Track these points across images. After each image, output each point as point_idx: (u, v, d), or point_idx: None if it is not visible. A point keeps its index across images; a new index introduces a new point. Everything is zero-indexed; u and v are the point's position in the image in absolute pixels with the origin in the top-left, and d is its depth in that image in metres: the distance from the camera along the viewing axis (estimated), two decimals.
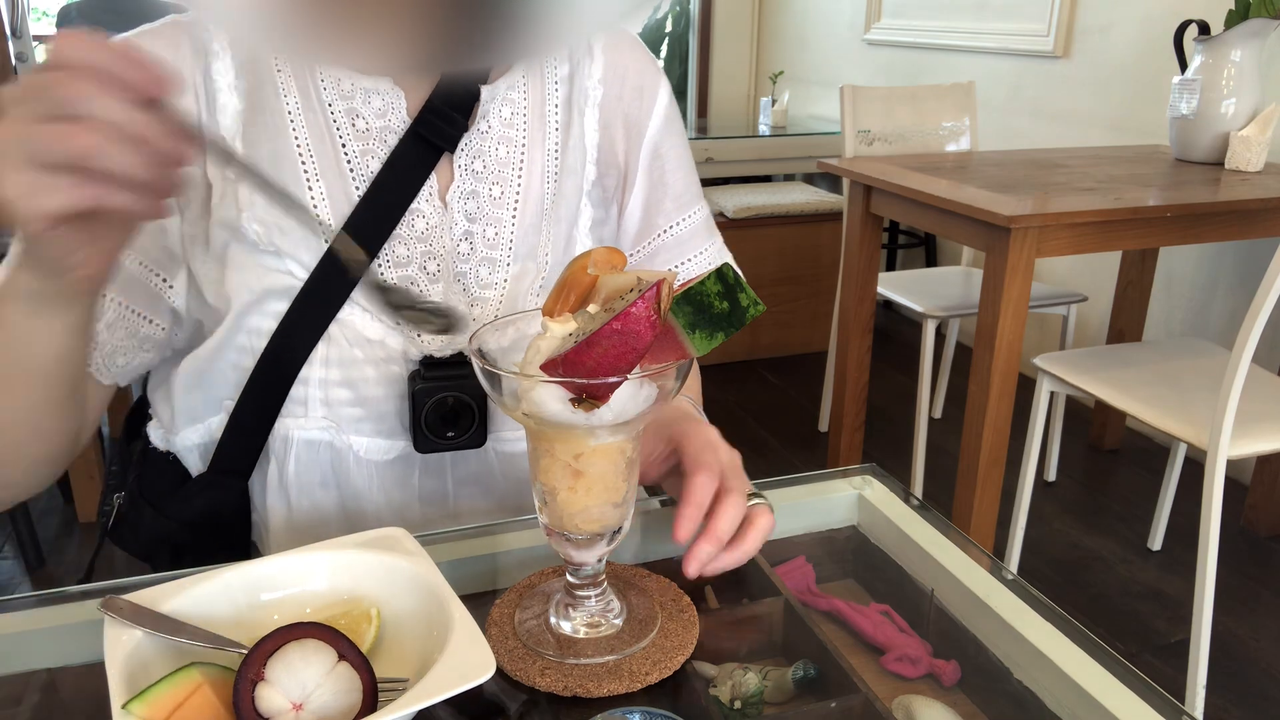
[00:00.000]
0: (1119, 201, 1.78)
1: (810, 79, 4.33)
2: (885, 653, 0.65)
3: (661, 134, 0.85)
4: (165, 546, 0.81)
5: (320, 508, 0.78)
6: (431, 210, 0.76)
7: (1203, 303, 2.62)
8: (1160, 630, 1.96)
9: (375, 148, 0.74)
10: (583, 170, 0.82)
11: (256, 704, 0.49)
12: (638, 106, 0.84)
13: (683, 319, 0.51)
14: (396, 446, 0.78)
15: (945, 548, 0.73)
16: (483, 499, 0.83)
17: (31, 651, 0.62)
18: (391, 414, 0.77)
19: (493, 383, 0.55)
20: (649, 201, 0.85)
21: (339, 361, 0.75)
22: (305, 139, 0.73)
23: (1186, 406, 1.73)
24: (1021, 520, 2.00)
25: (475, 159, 0.77)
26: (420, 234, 0.76)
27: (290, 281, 0.73)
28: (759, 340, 3.37)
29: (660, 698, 0.58)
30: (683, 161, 0.87)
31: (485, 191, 0.78)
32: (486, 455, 0.81)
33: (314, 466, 0.77)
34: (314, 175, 0.73)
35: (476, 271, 0.78)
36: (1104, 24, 2.82)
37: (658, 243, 0.86)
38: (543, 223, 0.79)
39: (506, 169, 0.78)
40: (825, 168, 2.25)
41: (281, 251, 0.73)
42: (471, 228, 0.77)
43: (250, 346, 0.74)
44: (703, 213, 0.89)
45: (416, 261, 0.76)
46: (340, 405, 0.76)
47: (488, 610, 0.64)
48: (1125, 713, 0.55)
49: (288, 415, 0.76)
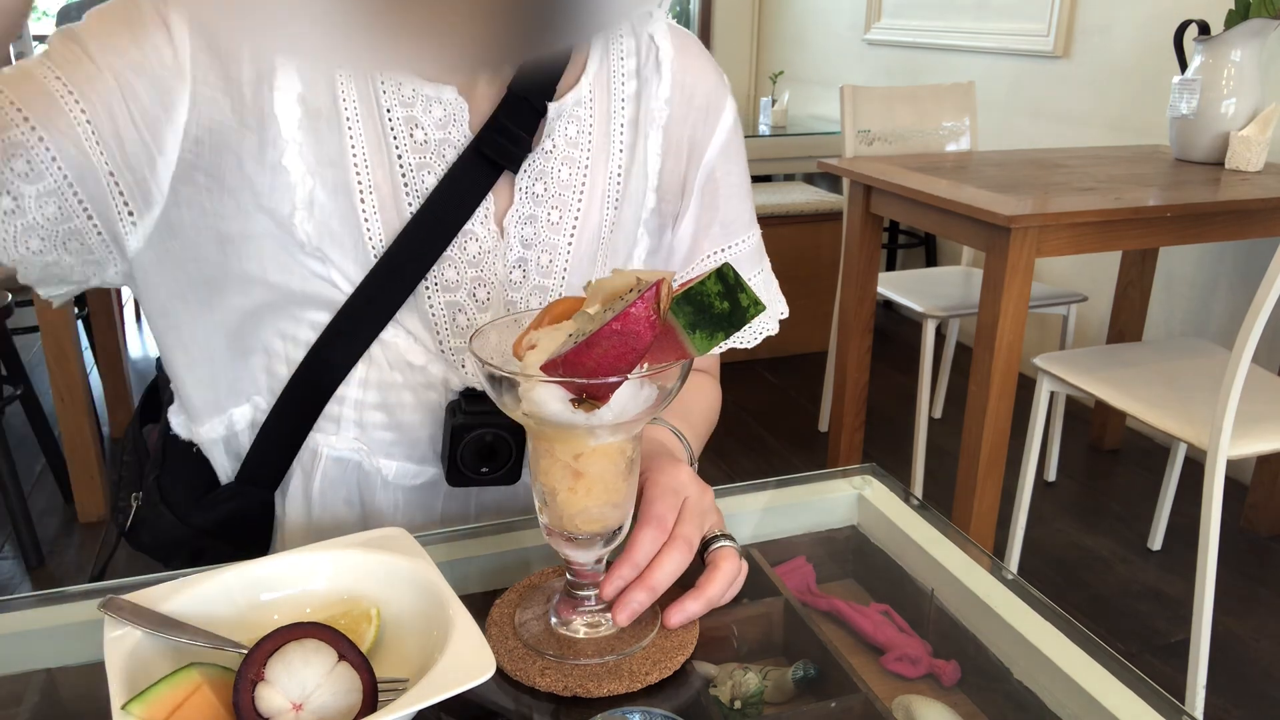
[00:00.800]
0: (1119, 201, 1.79)
1: (810, 79, 4.33)
2: (885, 653, 0.65)
3: (719, 158, 0.82)
4: (183, 550, 0.80)
5: (341, 524, 0.77)
6: (486, 234, 0.73)
7: (1203, 303, 2.62)
8: (1160, 630, 1.96)
9: (432, 162, 0.70)
10: (643, 199, 0.79)
11: (256, 704, 0.49)
12: (703, 128, 0.81)
13: (683, 319, 0.51)
14: (425, 473, 0.77)
15: (945, 548, 0.73)
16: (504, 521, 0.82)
17: (31, 651, 0.62)
18: (424, 440, 0.75)
19: (493, 383, 0.55)
20: (698, 226, 0.82)
21: (377, 384, 0.73)
22: (362, 147, 0.69)
23: (1186, 406, 1.73)
24: (1021, 520, 2.00)
25: (536, 181, 0.74)
26: (472, 258, 0.72)
27: (333, 294, 0.70)
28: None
29: (660, 698, 0.58)
30: (737, 189, 0.84)
31: (544, 216, 0.74)
32: (515, 487, 0.79)
33: (340, 484, 0.76)
34: (368, 188, 0.69)
35: (527, 301, 0.75)
36: (1104, 24, 2.82)
37: (701, 268, 0.83)
38: (598, 252, 0.77)
39: (567, 192, 0.75)
40: (825, 168, 2.25)
41: (328, 259, 0.69)
42: (526, 254, 0.74)
43: (284, 353, 0.72)
44: (751, 242, 0.86)
45: (466, 287, 0.73)
46: (374, 428, 0.74)
47: (488, 610, 0.64)
48: (1125, 713, 0.55)
49: (319, 430, 0.74)
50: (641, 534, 0.63)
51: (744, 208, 0.84)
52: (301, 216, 0.68)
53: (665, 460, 0.70)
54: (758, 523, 0.78)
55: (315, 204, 0.68)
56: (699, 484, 0.69)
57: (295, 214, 0.68)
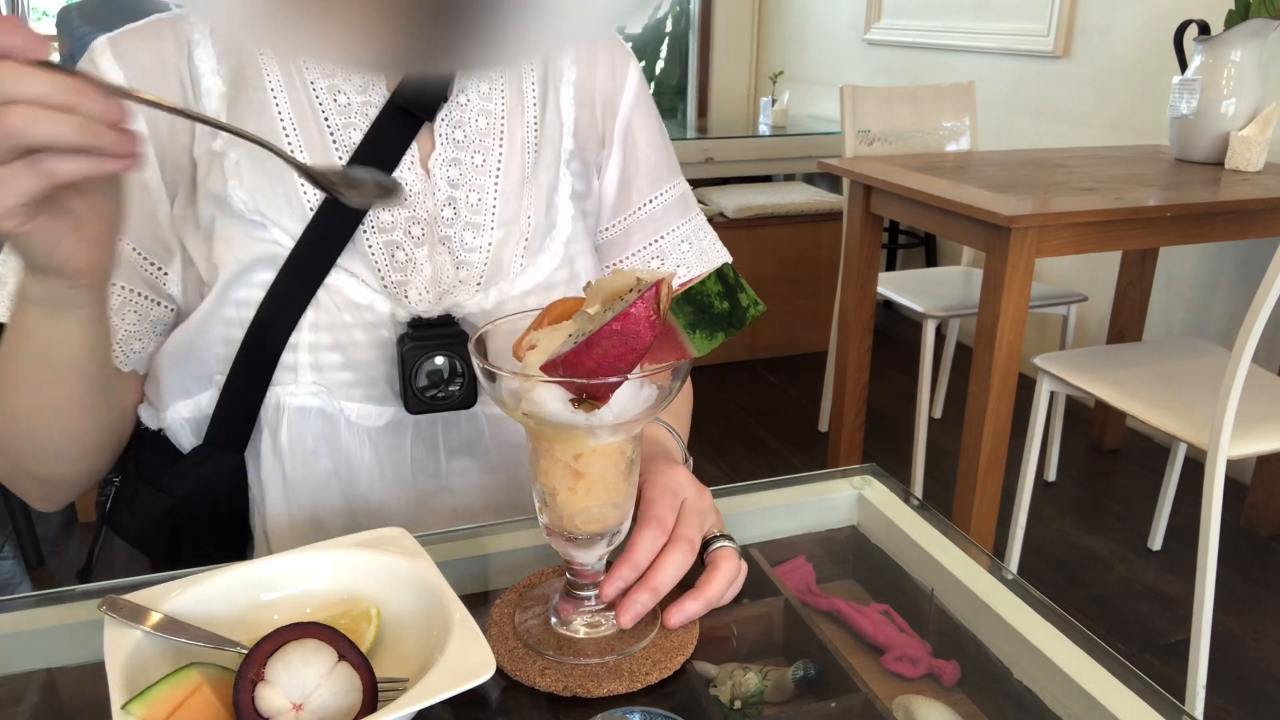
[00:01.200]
0: (1119, 201, 1.78)
1: (810, 79, 4.33)
2: (885, 653, 0.65)
3: (632, 112, 0.88)
4: (162, 528, 0.81)
5: (314, 474, 0.79)
6: (414, 178, 0.78)
7: (1203, 303, 2.62)
8: (1160, 630, 1.96)
9: (357, 120, 0.77)
10: (560, 141, 0.85)
11: (256, 704, 0.49)
12: (610, 84, 0.87)
13: (683, 319, 0.51)
14: (387, 412, 0.79)
15: (945, 548, 0.73)
16: (475, 468, 0.83)
17: (31, 651, 0.62)
18: (381, 379, 0.78)
19: (492, 382, 0.55)
20: (623, 177, 0.89)
21: (328, 326, 0.76)
22: (289, 114, 0.76)
23: (1186, 406, 1.73)
24: (1021, 520, 2.00)
25: (456, 129, 0.80)
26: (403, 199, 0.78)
27: (277, 250, 0.74)
28: (759, 340, 3.37)
29: (660, 698, 0.58)
30: (654, 139, 0.90)
31: (467, 160, 0.80)
32: (477, 420, 0.82)
33: (306, 433, 0.78)
34: (298, 148, 0.75)
35: (461, 236, 0.80)
36: (1104, 24, 2.82)
37: (633, 219, 0.89)
38: (524, 189, 0.82)
39: (487, 139, 0.81)
40: (825, 168, 2.25)
41: (268, 220, 0.74)
42: (455, 194, 0.80)
43: (238, 318, 0.75)
44: (678, 189, 0.92)
45: (401, 226, 0.78)
46: (330, 370, 0.77)
47: (488, 610, 0.64)
48: (1125, 713, 0.55)
49: (278, 383, 0.77)
50: (641, 535, 0.63)
51: (662, 157, 0.91)
52: (234, 184, 0.74)
53: (663, 461, 0.71)
54: (758, 523, 0.78)
55: (243, 169, 0.74)
56: (696, 485, 0.69)
57: (227, 184, 0.74)
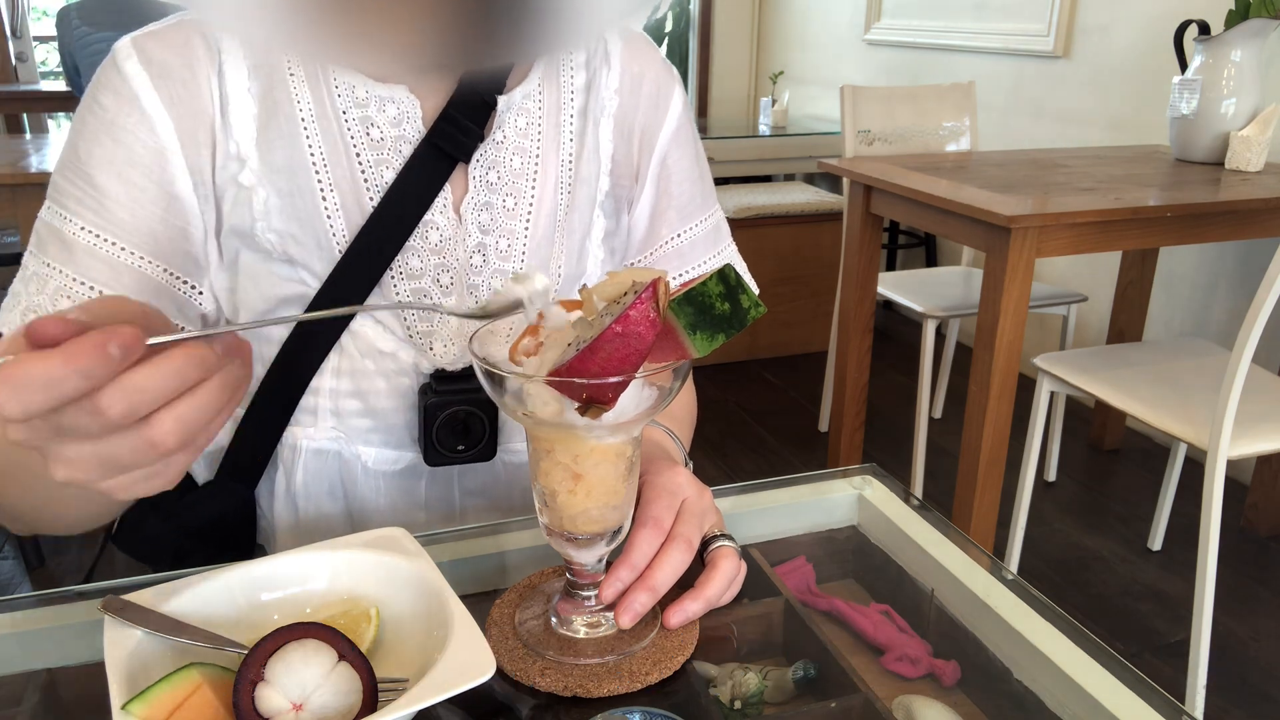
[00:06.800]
0: (1119, 201, 1.78)
1: (810, 79, 4.33)
2: (885, 653, 0.65)
3: (670, 144, 0.84)
4: (169, 551, 0.81)
5: (326, 516, 0.78)
6: (445, 222, 0.75)
7: (1203, 303, 2.62)
8: (1160, 630, 1.96)
9: (390, 158, 0.73)
10: (596, 181, 0.81)
11: (256, 704, 0.49)
12: (652, 114, 0.83)
13: (684, 320, 0.51)
14: (405, 458, 0.78)
15: (945, 548, 0.73)
16: (488, 508, 0.83)
17: (31, 651, 0.62)
18: (400, 426, 0.77)
19: (494, 383, 0.55)
20: (654, 212, 0.85)
21: (350, 373, 0.75)
22: (320, 149, 0.72)
23: (1186, 406, 1.73)
24: (1021, 520, 2.00)
25: (490, 170, 0.76)
26: (434, 246, 0.75)
27: (303, 290, 0.73)
28: (759, 340, 3.37)
29: (660, 698, 0.58)
30: (689, 173, 0.86)
31: (499, 203, 0.77)
32: (494, 466, 0.81)
33: (322, 476, 0.77)
34: (328, 186, 0.72)
35: (489, 284, 0.77)
36: (1104, 24, 2.82)
37: (660, 252, 0.86)
38: (555, 234, 0.79)
39: (521, 180, 0.77)
40: (825, 168, 2.25)
41: (295, 261, 0.72)
42: (485, 240, 0.76)
43: (261, 354, 0.74)
44: (709, 222, 0.88)
45: (430, 274, 0.75)
46: (350, 416, 0.76)
47: (488, 610, 0.64)
48: (1125, 713, 0.55)
49: (297, 424, 0.76)
50: (639, 535, 0.63)
51: (697, 190, 0.87)
52: (262, 226, 0.71)
53: (663, 463, 0.70)
54: (758, 523, 0.78)
55: (271, 211, 0.71)
56: (697, 485, 0.69)
57: (255, 225, 0.71)
